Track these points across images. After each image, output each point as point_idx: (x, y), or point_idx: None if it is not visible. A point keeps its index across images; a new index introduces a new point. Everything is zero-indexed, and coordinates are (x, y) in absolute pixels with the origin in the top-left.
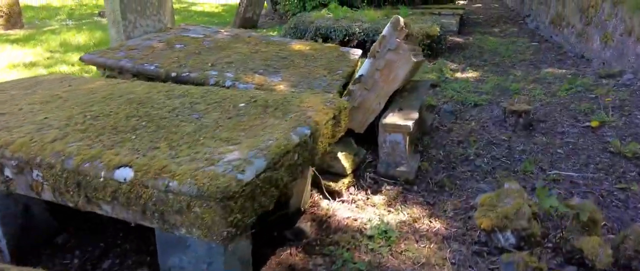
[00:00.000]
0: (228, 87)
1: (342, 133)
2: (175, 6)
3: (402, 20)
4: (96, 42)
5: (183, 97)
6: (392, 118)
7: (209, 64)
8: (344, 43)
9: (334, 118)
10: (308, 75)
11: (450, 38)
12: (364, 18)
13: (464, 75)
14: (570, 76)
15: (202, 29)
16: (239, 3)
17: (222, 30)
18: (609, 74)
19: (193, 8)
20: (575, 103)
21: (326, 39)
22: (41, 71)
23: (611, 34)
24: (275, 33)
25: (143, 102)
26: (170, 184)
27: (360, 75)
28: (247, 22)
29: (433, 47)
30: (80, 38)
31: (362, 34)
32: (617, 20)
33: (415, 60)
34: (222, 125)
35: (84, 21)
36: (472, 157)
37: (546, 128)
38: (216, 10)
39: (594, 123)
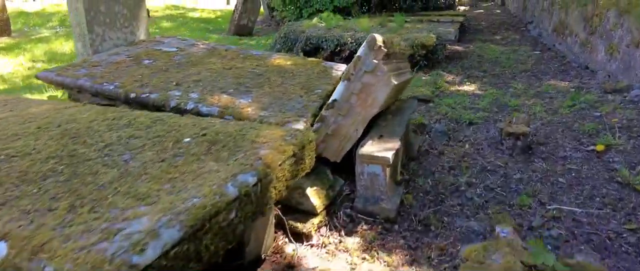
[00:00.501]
0: (190, 110)
1: (307, 171)
2: (172, 12)
3: (379, 38)
4: None
5: (126, 127)
6: (370, 148)
7: (174, 83)
8: (335, 53)
9: (294, 156)
10: (282, 96)
11: (449, 47)
12: (357, 27)
13: (461, 88)
14: (573, 90)
15: (177, 41)
16: (234, 10)
17: (199, 43)
18: (615, 89)
19: (190, 14)
20: (579, 122)
21: (317, 49)
22: (18, 83)
23: (617, 45)
24: (269, 41)
25: (78, 136)
26: (46, 269)
27: (334, 100)
28: (242, 29)
29: (429, 58)
30: (67, 46)
31: (354, 44)
32: (623, 30)
33: (396, 83)
34: (149, 171)
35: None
36: (463, 187)
37: (546, 152)
38: (212, 17)
39: (600, 147)
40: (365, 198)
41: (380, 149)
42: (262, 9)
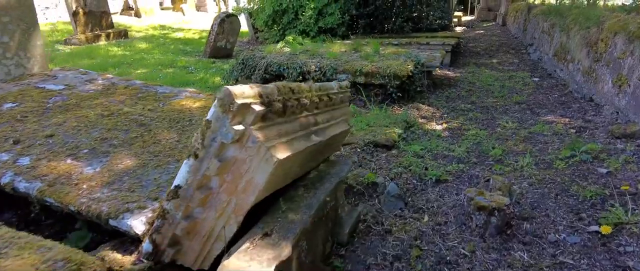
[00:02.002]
0: (3, 186)
1: None
2: (155, 33)
3: (242, 91)
4: None
5: None
6: (240, 261)
7: (12, 141)
8: (298, 82)
9: None
10: (149, 161)
11: (439, 72)
12: (325, 53)
13: (438, 127)
14: (573, 131)
15: (74, 75)
16: (210, 31)
17: (99, 78)
18: (626, 134)
19: (173, 35)
20: (578, 183)
21: (279, 77)
22: None
23: (626, 77)
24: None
25: None
26: None
27: (176, 187)
28: (219, 51)
29: (405, 89)
30: None
31: (318, 72)
32: (634, 59)
33: (280, 158)
34: None
35: None
36: None
37: (532, 234)
38: (196, 37)
39: (605, 230)
40: None
41: (259, 260)
42: (247, 29)
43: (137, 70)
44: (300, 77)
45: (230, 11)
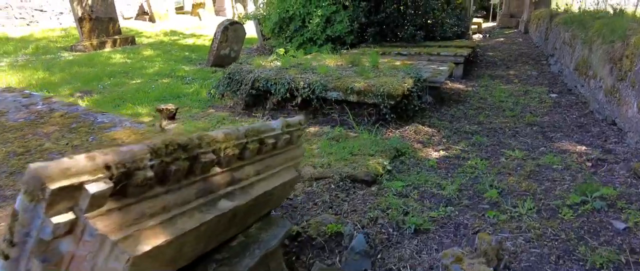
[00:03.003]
0: None
1: None
2: (166, 39)
3: (67, 167)
4: (21, 83)
5: None
6: None
7: None
8: (286, 99)
9: None
10: None
11: (449, 85)
12: (317, 67)
13: (434, 154)
14: (589, 165)
15: (13, 98)
16: (213, 38)
17: (41, 103)
18: None
19: (183, 41)
20: (587, 242)
21: (266, 93)
22: None
23: None
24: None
25: None
26: None
27: None
28: (223, 60)
29: (402, 109)
30: (13, 78)
31: (307, 89)
32: None
33: (136, 255)
34: None
35: (43, 57)
36: None
37: None
38: (206, 44)
39: None
40: None
41: None
42: (256, 36)
43: (133, 80)
44: (288, 94)
45: (221, 19)
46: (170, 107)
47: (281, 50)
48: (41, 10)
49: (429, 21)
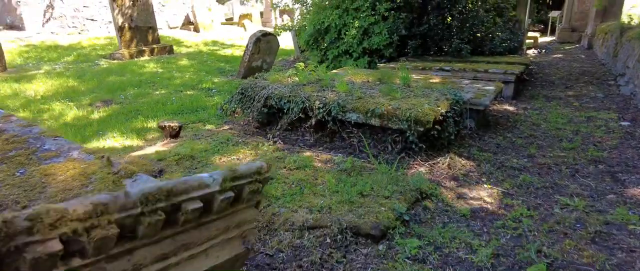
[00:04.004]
0: None
1: None
2: (204, 49)
3: None
4: (48, 91)
5: None
6: None
7: None
8: (301, 119)
9: None
10: None
11: (498, 106)
12: (337, 85)
13: (466, 202)
14: None
15: None
16: (245, 50)
17: (11, 121)
18: None
19: (221, 52)
20: None
21: (279, 112)
22: None
23: None
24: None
25: None
26: None
27: None
28: (253, 72)
29: (434, 137)
30: (42, 86)
31: (322, 109)
32: None
33: None
34: None
35: (81, 65)
36: None
37: None
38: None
39: None
40: None
41: None
42: (293, 46)
43: (157, 90)
44: (302, 114)
45: (269, 29)
46: (174, 124)
47: (300, 65)
48: (92, 20)
49: (477, 34)
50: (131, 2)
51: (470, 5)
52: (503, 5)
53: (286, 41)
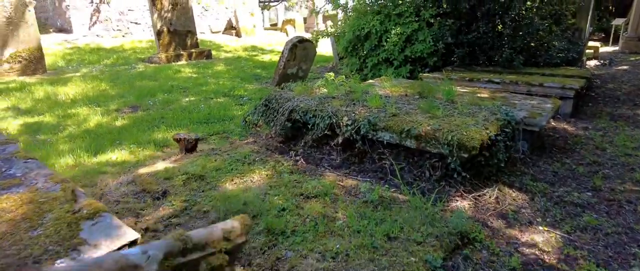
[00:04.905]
0: None
1: None
2: (243, 54)
3: None
4: (79, 95)
5: None
6: None
7: None
8: (328, 136)
9: None
10: None
11: (554, 123)
12: (369, 98)
13: (519, 246)
14: None
15: None
16: (280, 56)
17: None
18: None
19: (259, 57)
20: None
21: (304, 126)
22: None
23: None
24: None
25: None
26: None
27: None
28: (289, 79)
29: (480, 165)
30: (74, 90)
31: (350, 127)
32: None
33: None
34: None
35: (118, 68)
36: None
37: None
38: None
39: None
40: None
41: None
42: (332, 53)
43: (187, 97)
44: (329, 131)
45: (308, 35)
46: (191, 136)
47: (330, 75)
48: (136, 23)
49: (531, 43)
50: (171, 6)
51: (524, 12)
52: (561, 12)
53: (326, 47)
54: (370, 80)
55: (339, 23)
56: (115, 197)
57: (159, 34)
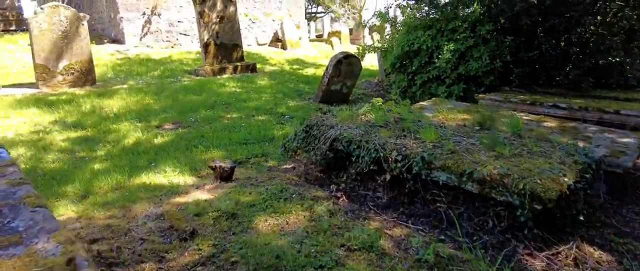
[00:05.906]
0: None
1: None
2: (287, 67)
3: None
4: (123, 109)
5: None
6: None
7: None
8: (374, 171)
9: None
10: None
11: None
12: (421, 130)
13: None
14: None
15: None
16: (324, 73)
17: None
18: None
19: (304, 71)
20: None
21: (347, 157)
22: None
23: None
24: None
25: None
26: None
27: None
28: (332, 96)
29: (556, 217)
30: (119, 103)
31: (399, 164)
32: None
33: None
34: None
35: (164, 80)
36: None
37: None
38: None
39: None
40: None
41: None
42: (378, 68)
43: (230, 114)
44: (375, 165)
45: (354, 49)
46: (226, 164)
47: (378, 100)
48: (185, 34)
49: (601, 62)
50: (218, 19)
51: (593, 28)
52: (638, 27)
53: (371, 60)
54: (422, 103)
55: (387, 36)
56: (141, 234)
57: (205, 46)
